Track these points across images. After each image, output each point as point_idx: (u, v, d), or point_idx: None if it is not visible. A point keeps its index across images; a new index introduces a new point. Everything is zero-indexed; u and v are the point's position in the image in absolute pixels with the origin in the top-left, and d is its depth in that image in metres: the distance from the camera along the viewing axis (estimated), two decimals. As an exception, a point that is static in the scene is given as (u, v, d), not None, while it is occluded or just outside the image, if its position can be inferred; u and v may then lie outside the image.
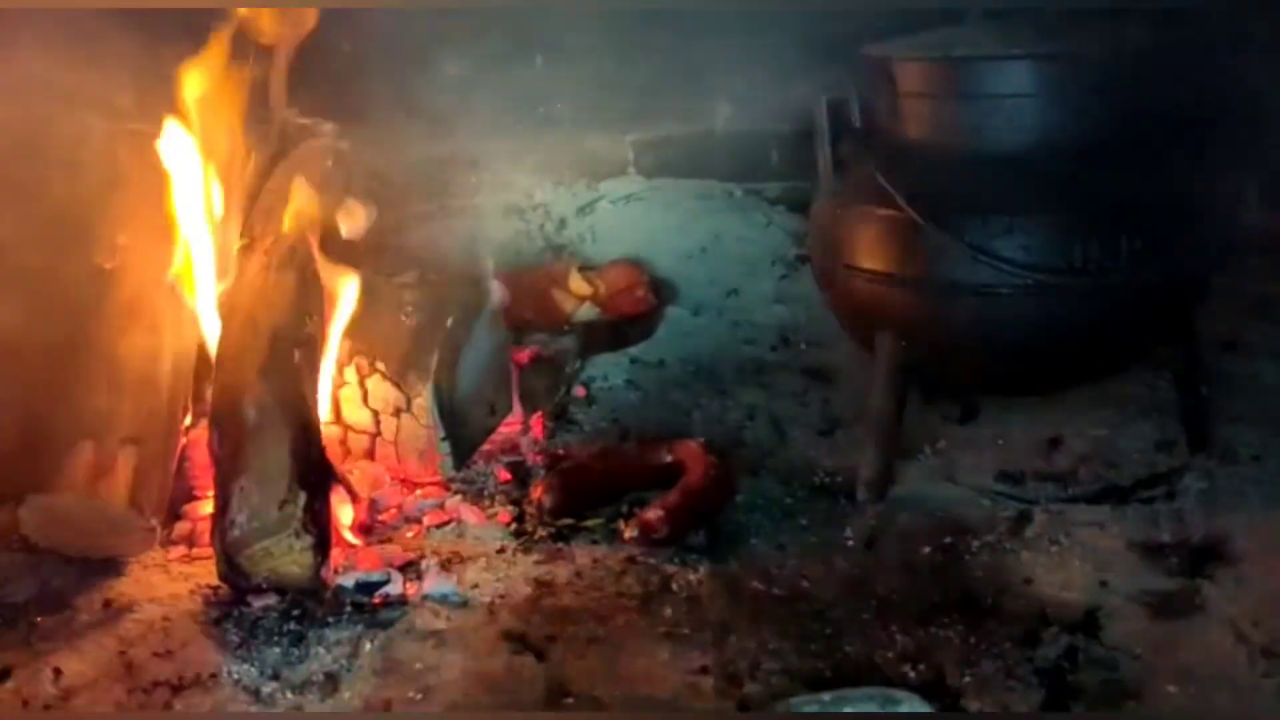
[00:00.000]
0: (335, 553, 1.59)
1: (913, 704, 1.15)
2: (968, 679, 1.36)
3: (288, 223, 1.80)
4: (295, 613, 1.50)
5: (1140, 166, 1.67)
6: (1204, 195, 1.72)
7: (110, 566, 1.63)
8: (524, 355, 2.13)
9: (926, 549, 1.64)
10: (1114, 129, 1.65)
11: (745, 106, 2.77)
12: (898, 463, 1.84)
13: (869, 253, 1.72)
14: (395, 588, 1.56)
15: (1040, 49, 1.65)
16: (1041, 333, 1.66)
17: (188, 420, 1.80)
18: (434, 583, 1.57)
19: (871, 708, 1.13)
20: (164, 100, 1.82)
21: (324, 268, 1.80)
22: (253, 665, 1.41)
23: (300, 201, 1.83)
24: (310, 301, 1.75)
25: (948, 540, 1.66)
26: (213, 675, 1.39)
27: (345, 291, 1.81)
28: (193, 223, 1.80)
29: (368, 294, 1.88)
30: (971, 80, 1.68)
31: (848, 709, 1.13)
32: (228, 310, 1.74)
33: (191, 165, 1.79)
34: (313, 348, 1.73)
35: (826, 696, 1.16)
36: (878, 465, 1.78)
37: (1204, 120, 1.72)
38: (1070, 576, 1.56)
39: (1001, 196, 1.63)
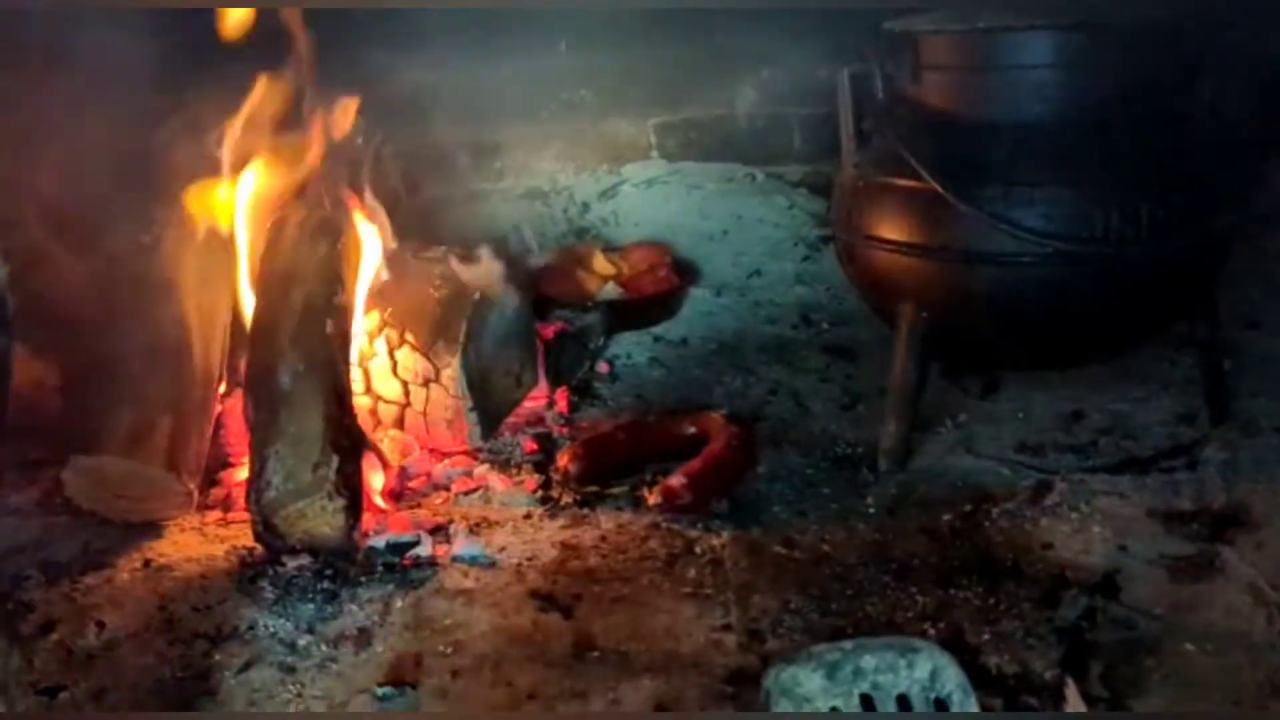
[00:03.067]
0: (366, 517, 1.63)
1: (932, 654, 1.17)
2: (987, 636, 1.38)
3: (319, 197, 1.84)
4: (328, 572, 1.54)
5: (1162, 137, 1.68)
6: (1225, 166, 1.73)
7: (149, 529, 1.67)
8: (549, 330, 2.16)
9: (946, 516, 1.66)
10: (1136, 99, 1.67)
11: (767, 90, 2.80)
12: (919, 435, 1.86)
13: (891, 224, 1.74)
14: (425, 549, 1.59)
15: (1062, 20, 1.66)
16: (1062, 302, 1.68)
17: (222, 388, 1.84)
18: (463, 545, 1.61)
19: (891, 656, 1.16)
20: (203, 80, 1.87)
21: (355, 241, 1.84)
22: (288, 620, 1.44)
23: (331, 177, 1.87)
24: (342, 274, 1.78)
25: (968, 508, 1.68)
26: (250, 628, 1.43)
27: (376, 264, 1.85)
28: (228, 197, 1.85)
29: (398, 268, 1.93)
30: (993, 51, 1.69)
31: (868, 657, 1.16)
32: (262, 281, 1.78)
33: (228, 141, 1.84)
34: (344, 318, 1.77)
35: (848, 645, 1.18)
36: (899, 435, 1.80)
37: (1226, 92, 1.73)
38: (1090, 542, 1.58)
39: (1023, 167, 1.65)
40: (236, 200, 1.86)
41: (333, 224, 1.82)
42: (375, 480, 1.72)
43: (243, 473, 1.71)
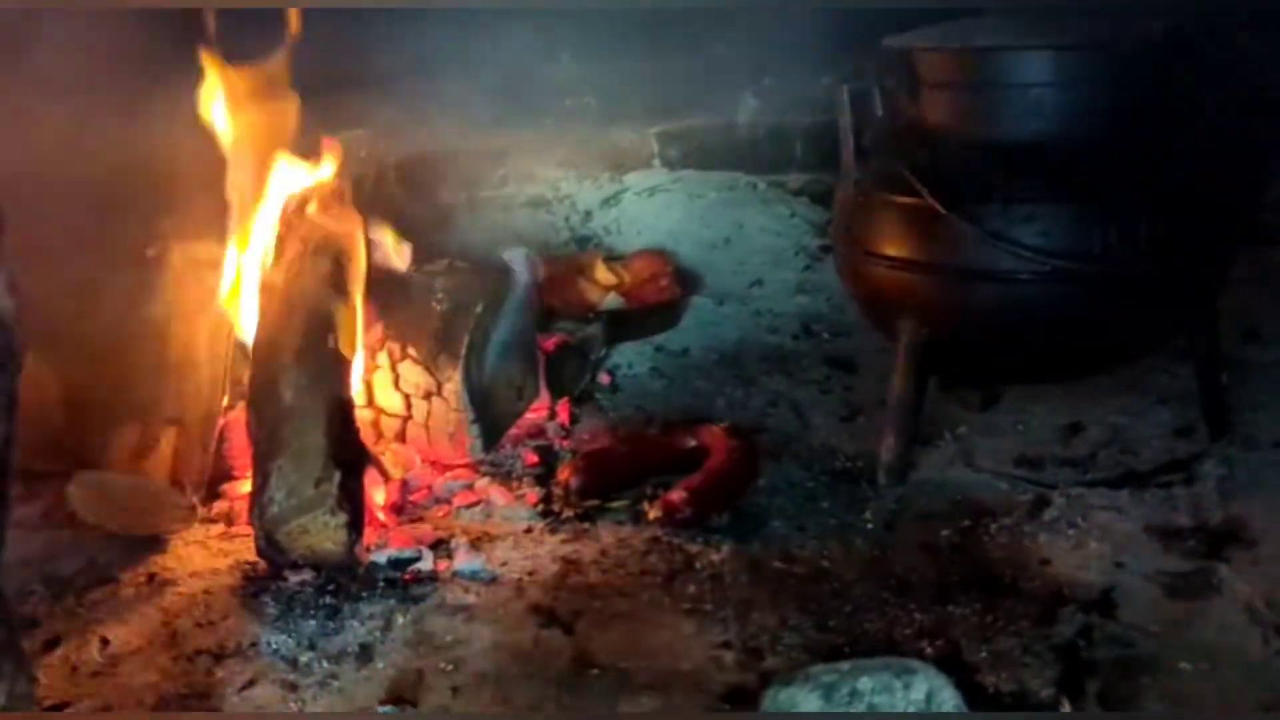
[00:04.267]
0: (368, 531, 1.64)
1: (928, 675, 1.18)
2: (984, 654, 1.39)
3: (322, 212, 1.85)
4: (330, 588, 1.55)
5: (1159, 154, 1.69)
6: (1223, 183, 1.74)
7: (152, 543, 1.69)
8: (551, 342, 2.17)
9: (945, 531, 1.67)
10: (1133, 117, 1.67)
11: (769, 99, 2.81)
12: (918, 449, 1.87)
13: (890, 240, 1.75)
14: (426, 564, 1.60)
15: (1060, 39, 1.67)
16: (1061, 319, 1.68)
17: (225, 402, 1.85)
18: (464, 560, 1.62)
19: (887, 677, 1.17)
20: (202, 93, 1.88)
21: (356, 255, 1.85)
22: (290, 636, 1.46)
23: (334, 189, 1.88)
24: (344, 288, 1.79)
25: (966, 523, 1.68)
26: (252, 645, 1.44)
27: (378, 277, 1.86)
28: (232, 211, 1.86)
29: (399, 281, 1.94)
30: (992, 70, 1.70)
31: (864, 679, 1.17)
32: (265, 296, 1.79)
33: (231, 156, 1.85)
34: (346, 333, 1.77)
35: (845, 666, 1.20)
36: (898, 449, 1.80)
37: (1224, 108, 1.74)
38: (1087, 558, 1.58)
39: (1021, 184, 1.65)
40: (241, 215, 1.87)
41: (335, 238, 1.83)
42: (377, 494, 1.73)
43: (246, 487, 1.72)
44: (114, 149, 1.82)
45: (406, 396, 1.90)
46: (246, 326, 1.84)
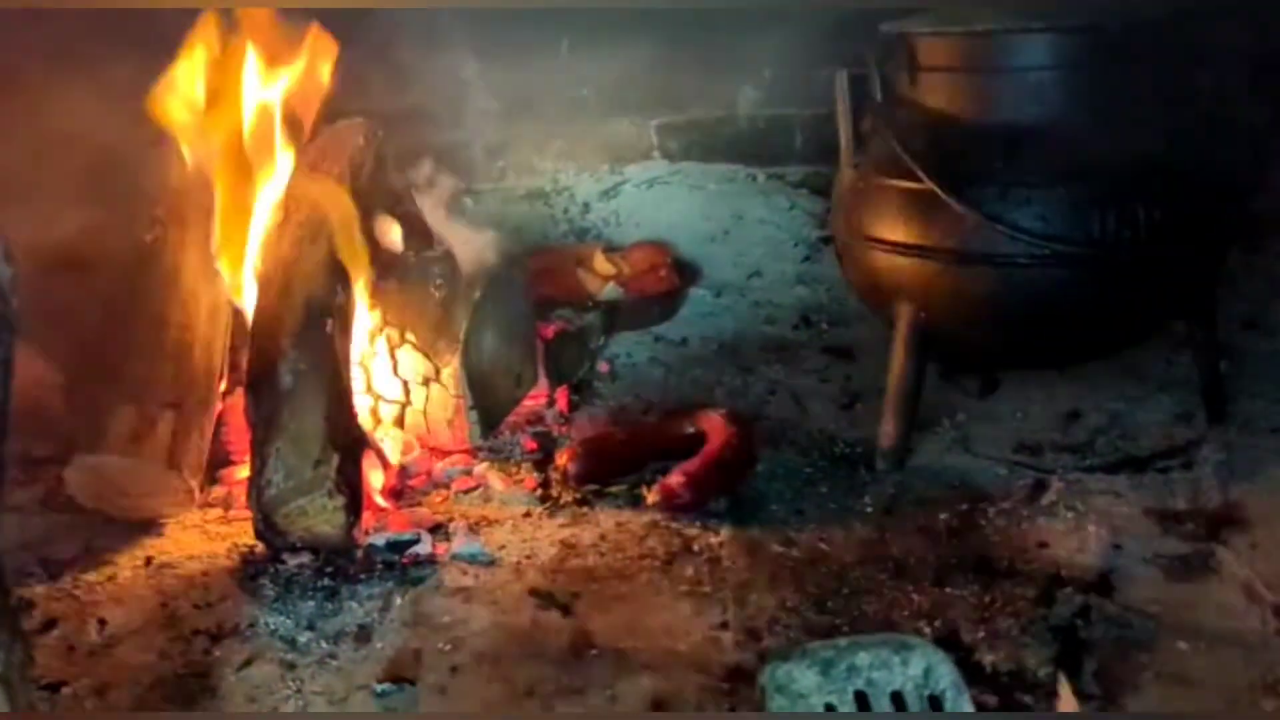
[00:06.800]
0: (366, 515, 1.64)
1: (925, 651, 1.18)
2: (982, 634, 1.39)
3: (321, 197, 1.85)
4: (328, 570, 1.55)
5: (1159, 139, 1.68)
6: (1223, 168, 1.74)
7: (150, 526, 1.69)
8: (550, 330, 2.17)
9: (943, 515, 1.67)
10: (1133, 101, 1.67)
11: (769, 91, 2.81)
12: (917, 435, 1.87)
13: (889, 224, 1.75)
14: (425, 547, 1.60)
15: (1059, 22, 1.67)
16: (1059, 303, 1.68)
17: (223, 386, 1.85)
18: (462, 543, 1.62)
19: (885, 653, 1.17)
20: (200, 79, 1.88)
21: (356, 241, 1.85)
22: (288, 617, 1.46)
23: (333, 177, 1.88)
24: (343, 273, 1.79)
25: (964, 507, 1.69)
26: (250, 626, 1.44)
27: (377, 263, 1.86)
28: (230, 196, 1.86)
29: (399, 267, 1.94)
30: (990, 53, 1.70)
31: (862, 654, 1.16)
32: (263, 281, 1.79)
33: (228, 141, 1.85)
34: (344, 318, 1.78)
35: (842, 642, 1.19)
36: (897, 435, 1.80)
37: (1224, 91, 1.74)
38: (1085, 541, 1.58)
39: (1020, 168, 1.65)
40: (239, 198, 1.87)
41: (334, 223, 1.83)
42: (375, 478, 1.73)
43: (244, 470, 1.72)
44: (111, 132, 1.82)
45: (405, 382, 1.90)
46: (245, 310, 1.83)
